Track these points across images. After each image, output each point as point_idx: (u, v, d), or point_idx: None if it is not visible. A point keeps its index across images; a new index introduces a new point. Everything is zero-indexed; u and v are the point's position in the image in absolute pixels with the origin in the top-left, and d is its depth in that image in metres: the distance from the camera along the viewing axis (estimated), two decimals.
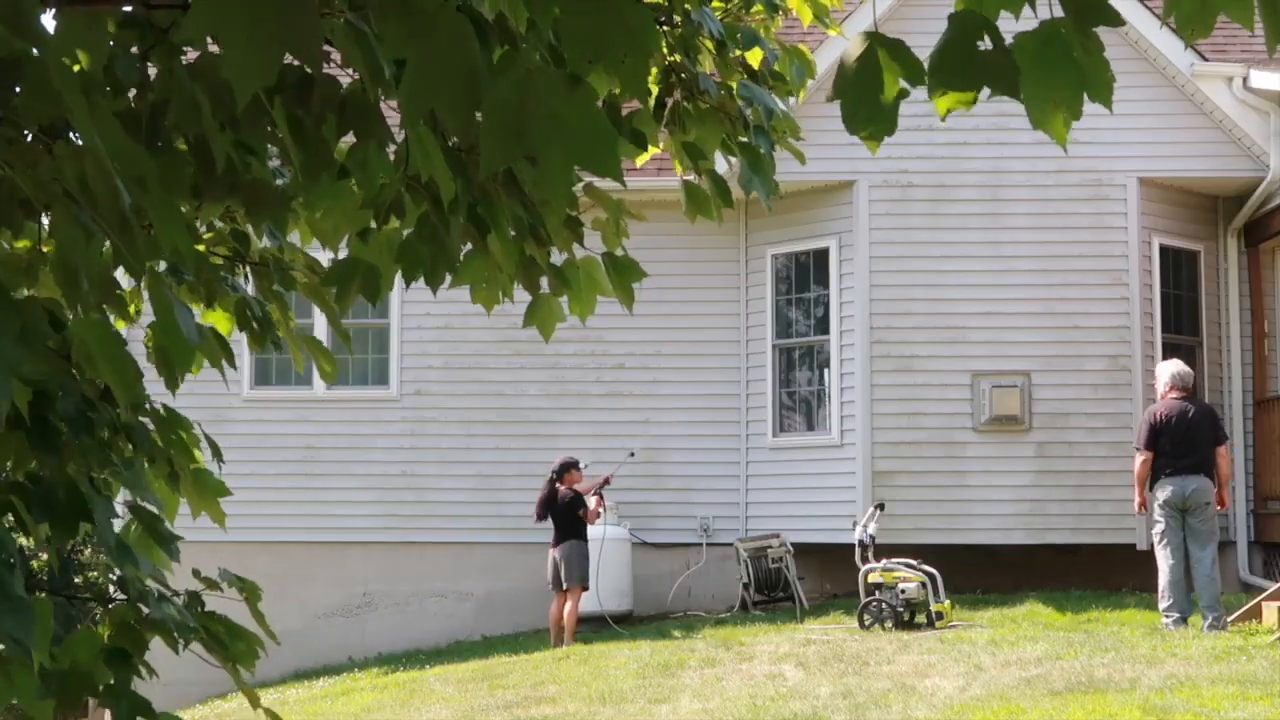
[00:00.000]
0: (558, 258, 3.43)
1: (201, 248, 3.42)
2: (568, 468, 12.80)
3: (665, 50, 3.66)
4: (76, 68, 2.55)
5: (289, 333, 3.68)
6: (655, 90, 3.71)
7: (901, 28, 12.28)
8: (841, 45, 2.29)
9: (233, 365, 3.50)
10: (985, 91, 2.20)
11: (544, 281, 3.42)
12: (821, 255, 14.04)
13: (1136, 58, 13.39)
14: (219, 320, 3.61)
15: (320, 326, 14.55)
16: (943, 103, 2.21)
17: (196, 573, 3.16)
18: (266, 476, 14.43)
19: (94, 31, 2.44)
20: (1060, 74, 2.13)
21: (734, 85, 3.82)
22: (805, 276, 14.21)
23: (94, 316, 2.38)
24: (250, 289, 3.63)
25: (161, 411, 3.33)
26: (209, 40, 2.58)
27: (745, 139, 3.78)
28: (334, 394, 14.69)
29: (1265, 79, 13.17)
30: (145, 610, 2.85)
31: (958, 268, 13.56)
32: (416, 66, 1.97)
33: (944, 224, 13.67)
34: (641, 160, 3.82)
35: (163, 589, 2.94)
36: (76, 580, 30.38)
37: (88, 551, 31.97)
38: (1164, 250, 13.86)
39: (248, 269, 3.55)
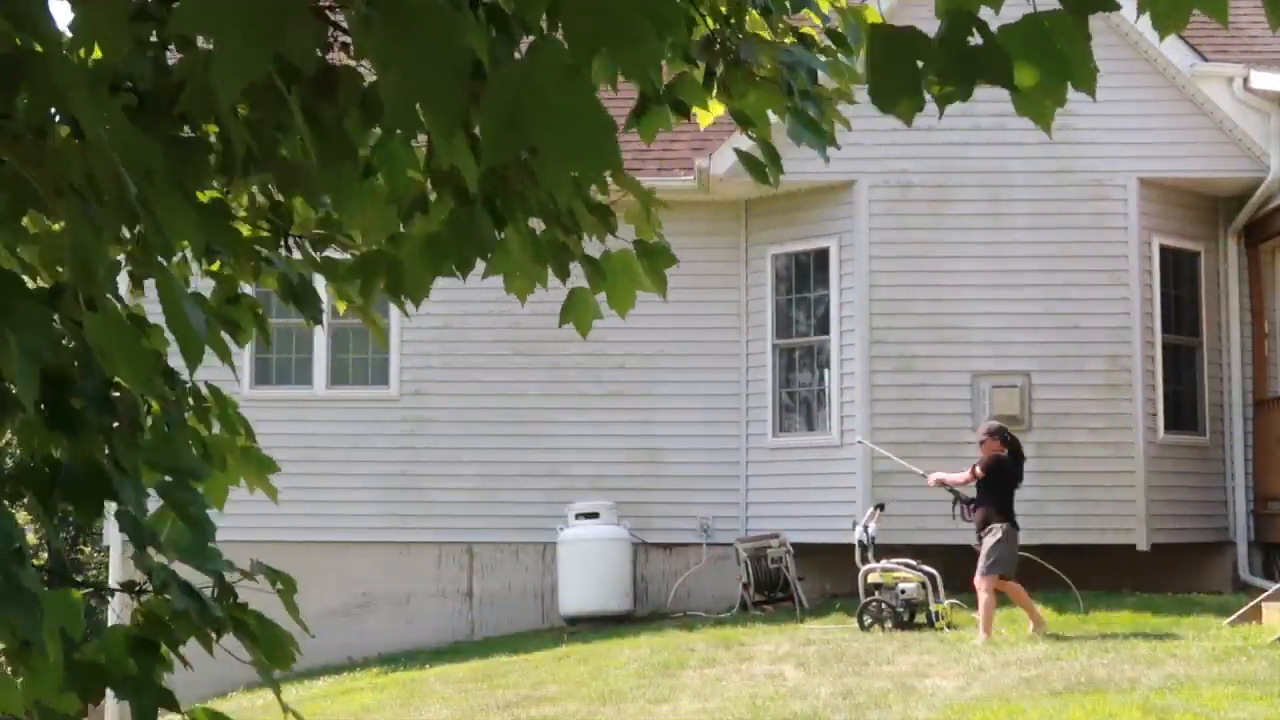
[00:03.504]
0: (594, 249, 3.38)
1: (246, 229, 3.39)
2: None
3: (710, 20, 3.64)
4: (91, 60, 2.55)
5: (354, 300, 3.58)
6: (701, 62, 3.69)
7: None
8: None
9: (267, 339, 3.51)
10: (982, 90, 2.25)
11: (576, 271, 3.38)
12: (821, 255, 14.04)
13: (1137, 58, 13.39)
14: (268, 282, 3.58)
15: (320, 327, 14.56)
16: (945, 92, 2.26)
17: (229, 563, 3.12)
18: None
19: (112, 23, 2.44)
20: (1044, 63, 2.20)
21: (772, 54, 3.77)
22: (805, 276, 14.21)
23: (106, 311, 2.38)
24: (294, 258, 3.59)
25: (206, 393, 3.34)
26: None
27: (791, 105, 3.74)
28: (334, 393, 14.69)
29: (1265, 79, 13.16)
30: (170, 600, 2.81)
31: (958, 268, 13.55)
32: (400, 65, 1.93)
33: (944, 224, 13.67)
34: (706, 121, 3.80)
35: (189, 581, 2.89)
36: (77, 579, 30.21)
37: (87, 550, 32.02)
38: (1164, 250, 13.85)
39: (290, 241, 3.51)
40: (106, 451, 2.80)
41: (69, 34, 2.39)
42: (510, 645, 12.93)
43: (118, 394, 2.84)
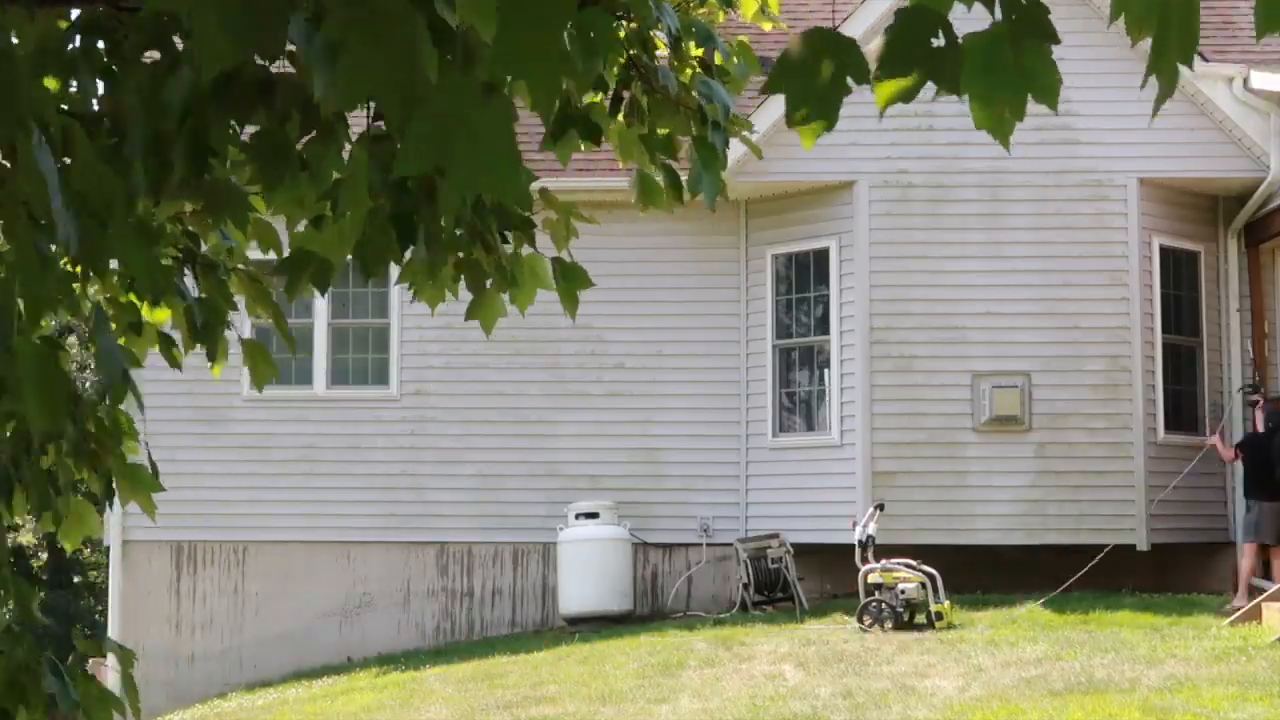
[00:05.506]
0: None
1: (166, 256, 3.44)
2: None
3: (625, 44, 3.65)
4: (49, 82, 2.55)
5: (222, 333, 3.69)
6: (613, 83, 3.71)
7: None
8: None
9: (178, 365, 3.56)
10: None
11: (487, 282, 3.44)
12: (821, 255, 14.04)
13: (1137, 58, 13.38)
14: (159, 315, 3.63)
15: (320, 327, 14.56)
16: (882, 91, 2.15)
17: (79, 629, 3.24)
18: (266, 476, 14.42)
19: (43, 26, 2.44)
20: (1004, 75, 2.11)
21: (688, 80, 3.81)
22: (805, 276, 14.20)
23: (34, 341, 2.34)
24: (196, 292, 3.64)
25: (106, 422, 3.39)
26: (165, 42, 2.59)
27: (701, 134, 3.77)
28: (334, 394, 14.69)
29: (1265, 79, 13.16)
30: (32, 669, 2.91)
31: (958, 268, 13.55)
32: (356, 48, 1.91)
33: (944, 224, 13.67)
34: (584, 151, 3.81)
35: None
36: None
37: (87, 551, 31.97)
38: (1164, 250, 13.85)
39: (197, 269, 3.56)
40: None
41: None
42: (510, 645, 12.93)
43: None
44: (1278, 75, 13.02)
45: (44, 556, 31.85)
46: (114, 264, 2.94)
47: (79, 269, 3.00)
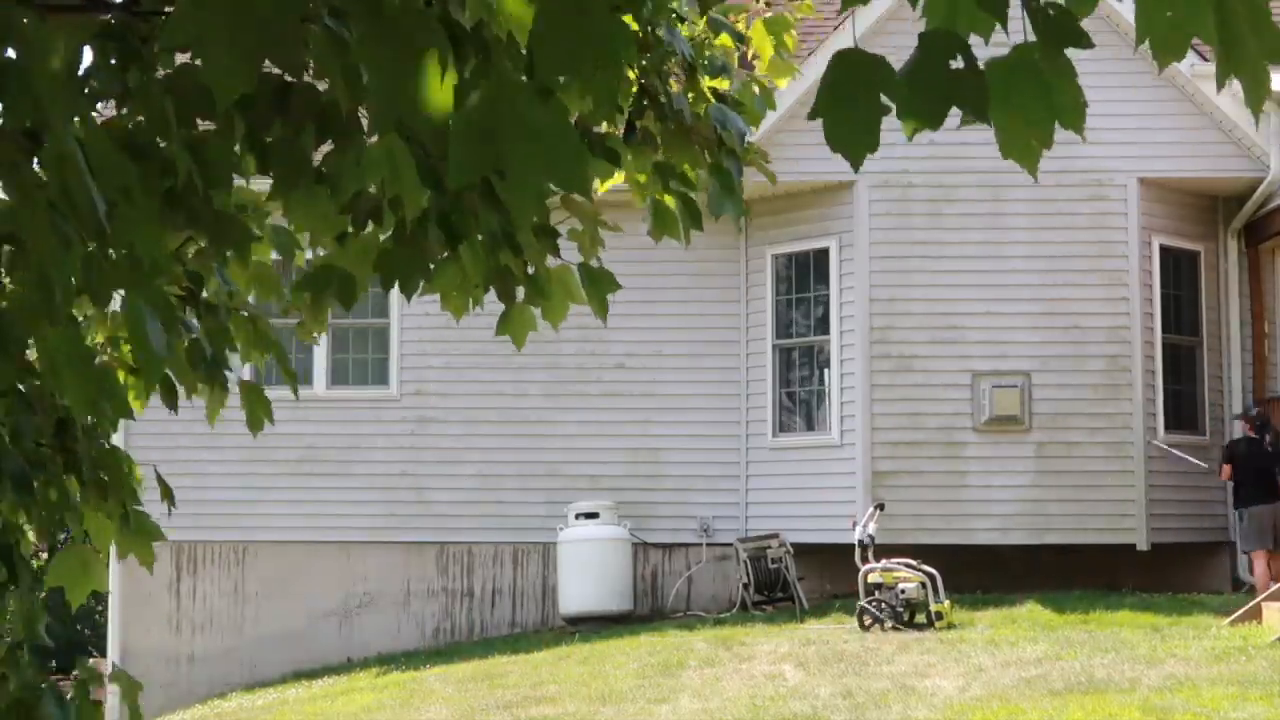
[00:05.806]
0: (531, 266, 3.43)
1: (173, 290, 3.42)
2: None
3: (637, 72, 3.63)
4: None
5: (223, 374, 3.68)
6: (626, 112, 3.68)
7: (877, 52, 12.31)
8: (823, 64, 2.23)
9: (174, 407, 3.54)
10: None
11: (519, 291, 3.42)
12: (821, 255, 14.04)
13: (1137, 58, 13.38)
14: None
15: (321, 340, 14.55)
16: (909, 124, 2.15)
17: (84, 661, 3.28)
18: (266, 476, 14.42)
19: (72, 38, 2.43)
20: (1031, 100, 2.08)
21: (703, 110, 3.79)
22: (805, 276, 14.21)
23: (64, 329, 2.35)
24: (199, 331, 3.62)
25: (108, 447, 3.38)
26: (184, 52, 2.59)
27: (717, 161, 3.75)
28: (334, 394, 14.69)
29: None
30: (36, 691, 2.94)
31: (958, 268, 13.56)
32: (385, 69, 1.93)
33: (944, 224, 13.67)
34: (606, 185, 3.78)
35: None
36: None
37: None
38: (1164, 250, 13.86)
39: (199, 310, 3.54)
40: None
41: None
42: (510, 645, 12.93)
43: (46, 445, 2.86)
44: (1278, 75, 13.00)
45: (45, 556, 31.85)
46: (117, 302, 2.94)
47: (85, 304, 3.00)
